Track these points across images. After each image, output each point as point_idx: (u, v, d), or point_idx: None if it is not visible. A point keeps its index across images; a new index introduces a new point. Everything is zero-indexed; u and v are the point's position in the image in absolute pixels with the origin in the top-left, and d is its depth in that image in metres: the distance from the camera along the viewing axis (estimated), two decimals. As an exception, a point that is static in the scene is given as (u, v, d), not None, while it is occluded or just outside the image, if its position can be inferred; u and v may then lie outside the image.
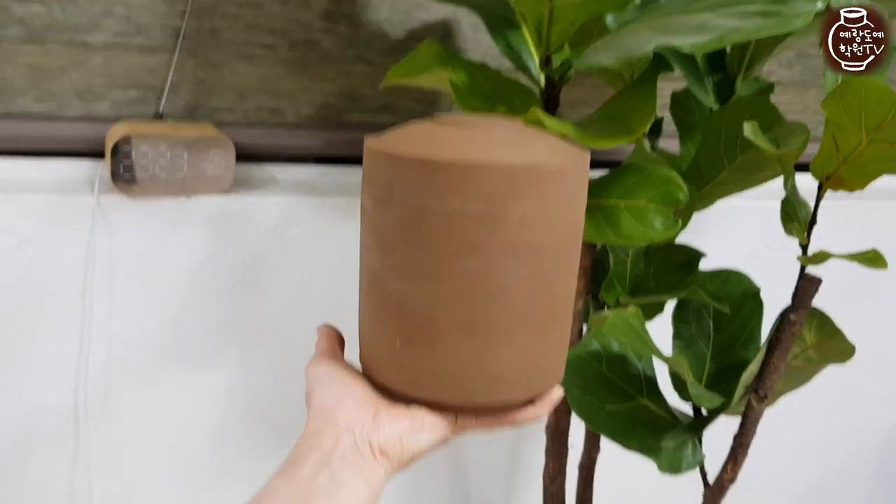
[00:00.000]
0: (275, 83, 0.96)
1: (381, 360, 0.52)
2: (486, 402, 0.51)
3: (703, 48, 0.56)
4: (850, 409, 1.40)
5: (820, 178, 0.70)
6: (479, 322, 0.49)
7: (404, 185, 0.48)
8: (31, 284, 0.90)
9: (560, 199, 0.49)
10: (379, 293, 0.51)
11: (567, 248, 0.52)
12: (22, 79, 0.88)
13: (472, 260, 0.48)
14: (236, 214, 0.95)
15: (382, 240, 0.50)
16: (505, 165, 0.47)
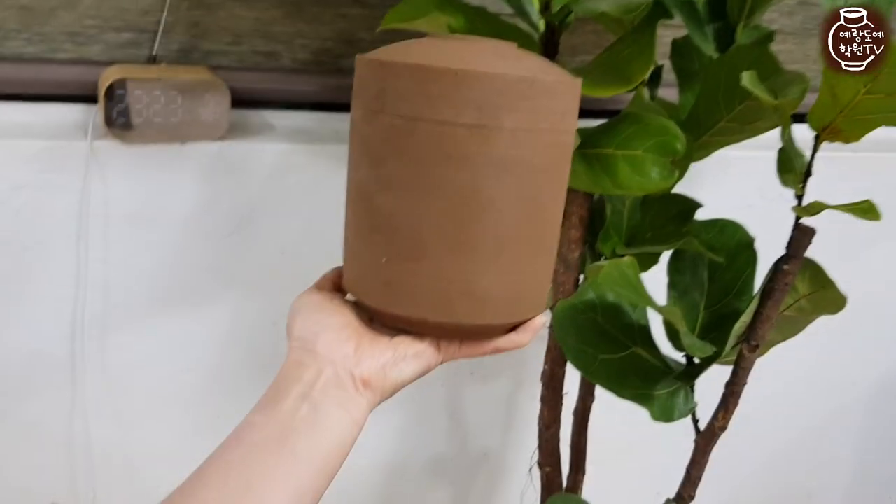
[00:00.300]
0: (270, 26, 0.95)
1: (365, 279, 0.52)
2: (470, 322, 0.51)
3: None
4: (840, 358, 1.42)
5: (817, 129, 0.70)
6: (467, 237, 0.49)
7: (396, 93, 0.48)
8: (23, 230, 0.90)
9: (552, 115, 0.49)
10: (366, 208, 0.51)
11: (556, 169, 0.52)
12: (13, 20, 0.86)
13: (462, 172, 0.48)
14: (232, 161, 0.94)
15: (371, 152, 0.50)
16: (499, 75, 0.47)
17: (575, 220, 0.82)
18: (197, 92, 0.88)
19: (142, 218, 0.93)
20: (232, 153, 0.94)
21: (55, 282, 0.93)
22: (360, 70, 0.51)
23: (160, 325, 0.99)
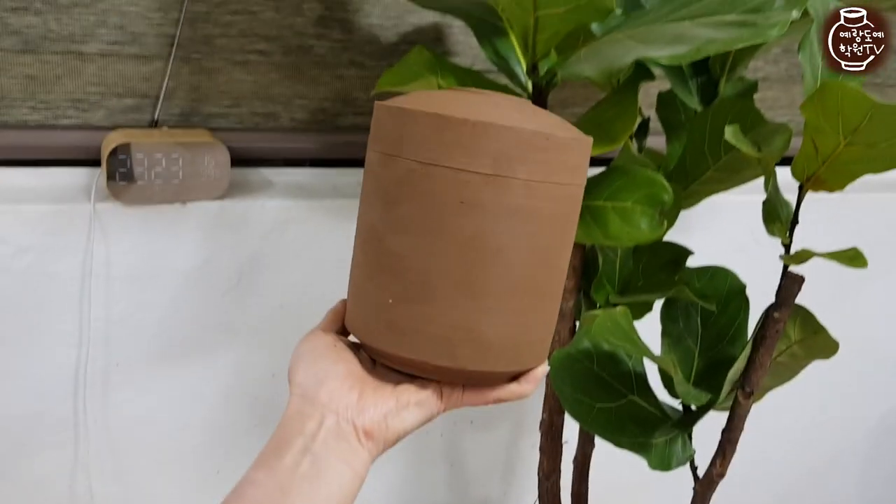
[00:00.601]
0: (269, 88, 0.98)
1: (370, 319, 0.52)
2: (472, 368, 0.51)
3: (681, 59, 0.58)
4: (837, 403, 1.42)
5: (800, 179, 0.72)
6: (474, 283, 0.50)
7: (414, 139, 0.49)
8: (27, 292, 0.91)
9: (564, 169, 0.51)
10: (376, 249, 0.51)
11: (566, 221, 0.53)
12: (18, 89, 0.89)
13: (474, 219, 0.49)
14: (232, 218, 0.96)
15: (386, 194, 0.51)
16: (515, 128, 0.48)
17: (568, 270, 0.84)
18: (197, 153, 0.90)
19: (143, 276, 0.95)
20: (232, 211, 0.96)
21: (58, 341, 0.94)
22: (379, 115, 0.53)
23: (161, 382, 1.00)
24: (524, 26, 0.70)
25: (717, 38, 0.58)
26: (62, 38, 0.88)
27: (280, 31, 0.95)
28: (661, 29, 0.64)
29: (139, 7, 0.89)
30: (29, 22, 0.87)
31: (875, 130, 0.64)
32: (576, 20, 0.66)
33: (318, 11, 0.96)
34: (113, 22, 0.89)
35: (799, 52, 0.69)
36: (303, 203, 0.99)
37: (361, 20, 0.98)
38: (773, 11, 0.61)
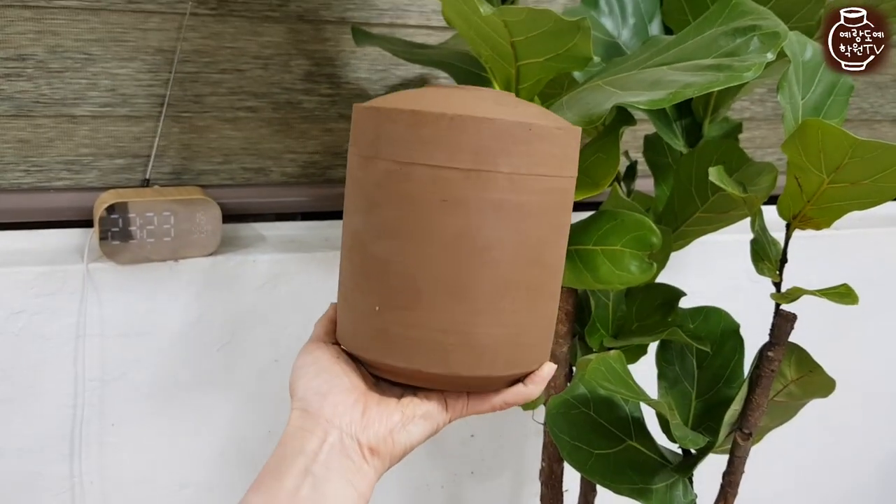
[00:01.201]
0: (259, 144, 0.99)
1: (359, 328, 0.50)
2: (467, 373, 0.49)
3: (659, 104, 0.58)
4: (841, 442, 1.40)
5: (787, 217, 0.72)
6: (462, 284, 0.47)
7: (391, 138, 0.47)
8: (21, 354, 0.91)
9: (550, 160, 0.48)
10: (360, 256, 0.49)
11: (555, 215, 0.50)
12: (11, 153, 0.90)
13: (458, 217, 0.47)
14: (224, 274, 0.97)
15: (367, 198, 0.49)
16: (493, 119, 0.46)
17: (561, 315, 0.84)
18: (189, 211, 0.91)
19: (137, 335, 0.95)
20: (224, 266, 0.96)
21: (53, 403, 0.94)
22: (357, 118, 0.51)
23: (156, 441, 1.00)
24: (506, 76, 0.71)
25: (694, 82, 0.59)
26: (54, 102, 0.90)
27: (269, 87, 0.97)
28: (639, 75, 0.65)
29: (129, 69, 0.91)
30: (21, 87, 0.88)
31: (857, 168, 0.65)
32: (556, 69, 0.67)
33: (305, 67, 0.98)
34: (104, 84, 0.91)
35: (778, 93, 0.70)
36: (295, 256, 0.99)
37: (349, 74, 1.00)
38: (749, 54, 0.62)
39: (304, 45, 0.97)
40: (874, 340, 1.36)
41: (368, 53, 1.00)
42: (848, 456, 1.43)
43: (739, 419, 0.77)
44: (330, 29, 0.97)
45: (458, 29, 0.71)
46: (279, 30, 0.95)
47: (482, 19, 0.63)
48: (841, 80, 0.73)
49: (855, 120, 1.30)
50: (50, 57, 0.88)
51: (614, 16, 0.86)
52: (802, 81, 0.72)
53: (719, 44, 0.64)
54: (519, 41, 0.65)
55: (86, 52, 0.89)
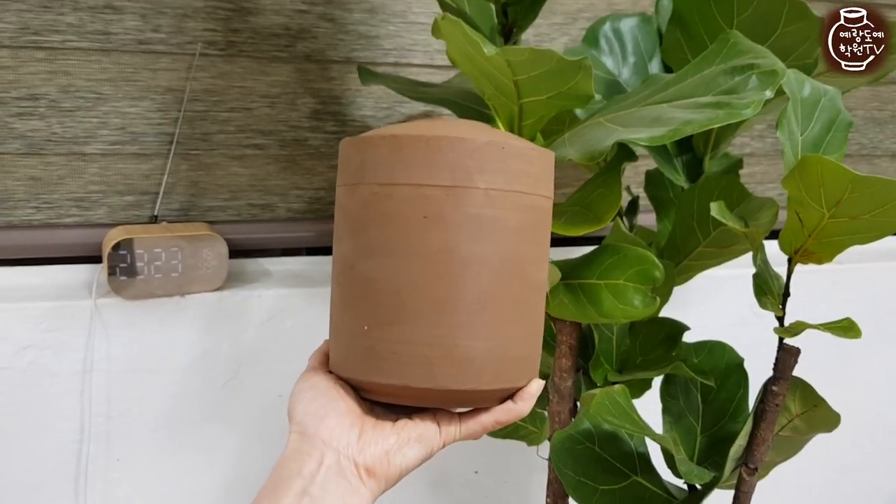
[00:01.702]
0: (266, 180, 1.00)
1: (349, 351, 0.52)
2: (454, 387, 0.50)
3: (659, 141, 0.59)
4: (849, 477, 1.39)
5: (788, 252, 0.73)
6: (445, 297, 0.49)
7: (374, 163, 0.50)
8: (30, 390, 0.92)
9: (524, 178, 0.51)
10: (348, 278, 0.52)
11: (533, 231, 0.53)
12: (22, 190, 0.91)
13: (439, 232, 0.49)
14: (230, 309, 0.97)
15: (353, 222, 0.52)
16: (469, 139, 0.49)
17: (564, 349, 0.84)
18: (196, 247, 0.92)
19: (143, 370, 0.95)
20: (230, 301, 0.97)
21: (60, 438, 0.94)
22: (343, 150, 0.54)
23: (162, 476, 1.00)
24: (509, 113, 0.73)
25: (693, 119, 0.60)
26: (65, 140, 0.91)
27: (276, 125, 0.98)
28: (639, 112, 0.66)
29: (139, 108, 0.93)
30: (34, 126, 0.90)
31: (857, 203, 0.65)
32: (558, 106, 0.69)
33: (311, 105, 0.99)
34: (114, 123, 0.92)
35: (777, 129, 0.71)
36: (300, 291, 1.00)
37: (354, 112, 1.01)
38: (747, 92, 0.63)
39: (311, 84, 0.99)
40: (880, 375, 1.36)
41: (373, 92, 1.01)
42: (854, 492, 1.42)
43: (745, 454, 0.77)
44: (336, 68, 0.99)
45: (463, 68, 0.73)
46: (286, 69, 0.97)
47: (486, 59, 0.64)
48: (840, 116, 0.74)
49: (855, 155, 1.31)
50: (62, 96, 0.90)
51: (615, 55, 0.88)
52: (801, 118, 0.73)
53: (718, 82, 0.65)
54: (522, 80, 0.66)
55: (97, 92, 0.91)
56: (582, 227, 0.68)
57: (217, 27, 0.93)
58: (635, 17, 0.89)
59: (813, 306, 0.90)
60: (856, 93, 1.28)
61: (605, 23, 0.89)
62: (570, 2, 1.08)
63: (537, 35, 1.08)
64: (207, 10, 0.92)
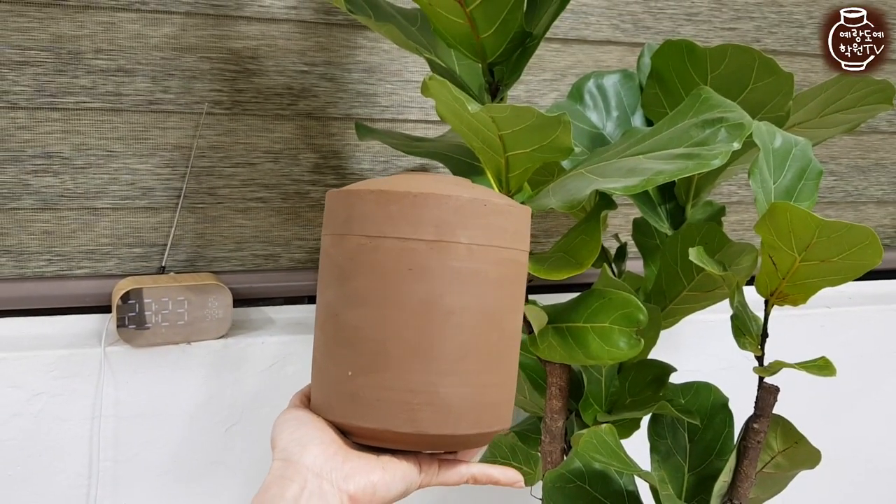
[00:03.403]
0: (269, 232, 1.05)
1: (332, 395, 0.54)
2: (434, 431, 0.53)
3: (633, 190, 0.63)
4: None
5: (765, 294, 0.76)
6: (428, 346, 0.52)
7: (361, 215, 0.53)
8: (39, 435, 0.95)
9: (504, 233, 0.55)
10: (333, 325, 0.54)
11: (511, 283, 0.56)
12: (35, 244, 0.96)
13: (423, 284, 0.52)
14: (234, 356, 1.01)
15: (339, 271, 0.54)
16: (454, 196, 0.53)
17: (555, 391, 0.87)
18: (202, 296, 0.96)
19: (150, 416, 0.98)
20: (235, 348, 1.01)
21: (68, 483, 0.97)
22: (330, 201, 0.57)
23: (168, 521, 1.02)
24: (497, 165, 0.77)
25: (664, 169, 0.64)
26: (77, 196, 0.96)
27: (278, 179, 1.03)
28: (617, 163, 0.70)
29: (149, 164, 0.98)
30: (48, 182, 0.95)
31: (825, 246, 0.69)
32: (541, 159, 0.73)
33: (313, 160, 1.04)
34: (124, 179, 0.97)
35: (749, 178, 0.75)
36: (301, 338, 1.03)
37: (353, 166, 1.06)
38: (717, 144, 0.67)
39: (312, 139, 1.04)
40: (865, 416, 1.38)
41: (372, 146, 1.06)
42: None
43: (729, 490, 0.79)
44: (336, 125, 1.04)
45: (451, 124, 0.77)
46: (289, 126, 1.02)
47: (472, 116, 0.69)
48: (811, 165, 0.78)
49: (841, 202, 1.35)
50: (75, 154, 0.95)
51: (599, 109, 0.93)
52: (774, 167, 0.77)
53: (690, 134, 0.69)
54: (506, 134, 0.71)
55: (108, 150, 0.96)
56: (564, 271, 0.72)
57: (223, 87, 0.99)
58: (618, 74, 0.94)
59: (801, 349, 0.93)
60: (838, 142, 1.32)
61: (590, 79, 0.94)
62: (559, 59, 1.13)
63: (528, 91, 1.13)
64: (214, 73, 0.98)
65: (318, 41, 1.01)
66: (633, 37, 1.15)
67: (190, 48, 0.96)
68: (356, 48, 1.03)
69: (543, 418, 0.88)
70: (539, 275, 0.72)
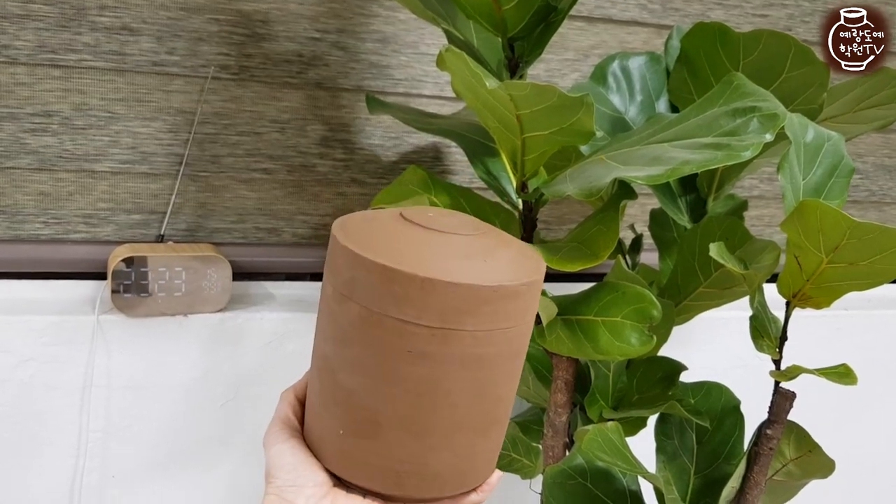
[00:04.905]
0: (272, 205, 1.01)
1: (325, 443, 0.54)
2: (420, 496, 0.53)
3: (657, 180, 0.60)
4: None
5: (787, 296, 0.72)
6: (421, 423, 0.50)
7: (365, 286, 0.49)
8: (29, 401, 0.92)
9: (513, 314, 0.51)
10: (330, 381, 0.52)
11: (513, 359, 0.53)
12: (31, 205, 0.93)
13: (421, 367, 0.49)
14: (232, 330, 0.98)
15: (339, 332, 0.51)
16: (463, 285, 0.48)
17: (560, 385, 0.84)
18: (199, 267, 0.93)
19: (143, 388, 0.96)
20: (233, 322, 0.98)
21: (57, 452, 0.95)
22: (334, 250, 0.52)
23: (157, 494, 0.99)
24: (512, 147, 0.73)
25: (691, 159, 0.61)
26: (76, 158, 0.93)
27: (284, 150, 1.00)
28: (640, 151, 0.66)
29: (151, 128, 0.94)
30: (46, 142, 0.91)
31: (855, 249, 0.65)
32: (560, 142, 0.69)
33: (321, 132, 1.00)
34: (125, 142, 0.94)
35: (779, 173, 0.71)
36: (302, 316, 1.00)
37: (363, 141, 1.02)
38: (748, 134, 0.63)
39: (321, 111, 1.00)
40: (880, 423, 1.34)
41: (383, 121, 1.03)
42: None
43: (737, 497, 0.76)
44: (346, 96, 1.00)
45: (467, 101, 0.74)
46: (297, 96, 0.98)
47: (489, 93, 0.65)
48: (843, 162, 0.74)
49: (864, 202, 1.31)
50: (75, 114, 0.92)
51: (622, 92, 0.88)
52: (804, 162, 0.74)
53: (720, 123, 0.66)
54: (524, 114, 0.67)
55: (110, 111, 0.93)
56: (578, 263, 0.68)
57: (230, 52, 0.95)
58: (644, 56, 0.90)
59: (815, 352, 0.89)
60: (866, 139, 1.28)
61: (614, 60, 0.90)
62: (582, 38, 1.09)
63: (548, 70, 1.09)
64: (222, 35, 0.94)
65: (332, 7, 0.97)
66: (660, 18, 1.11)
67: (198, 8, 0.93)
68: (371, 16, 0.99)
69: (547, 411, 0.85)
70: (551, 265, 0.69)
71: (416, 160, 1.05)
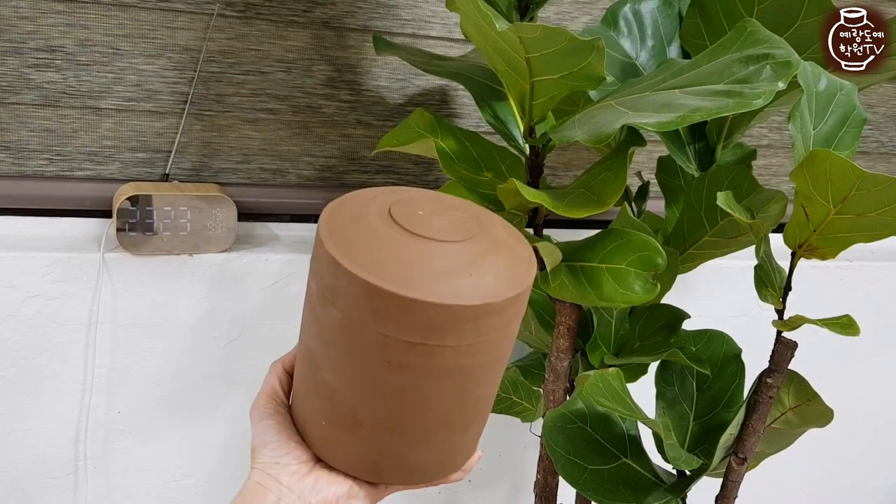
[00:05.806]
0: (277, 145, 1.01)
1: (308, 426, 0.55)
2: (399, 483, 0.55)
3: (667, 126, 0.59)
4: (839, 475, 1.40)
5: (792, 246, 0.72)
6: (401, 424, 0.51)
7: (347, 297, 0.48)
8: (34, 337, 0.93)
9: (496, 327, 0.50)
10: (314, 374, 0.53)
11: (496, 362, 0.53)
12: (36, 141, 0.92)
13: (402, 376, 0.49)
14: (237, 271, 0.98)
15: (323, 333, 0.51)
16: (444, 306, 0.46)
17: (563, 330, 0.84)
18: (204, 207, 0.93)
19: (148, 326, 0.97)
20: (237, 263, 0.98)
21: (62, 387, 0.96)
22: (318, 251, 0.50)
23: (161, 430, 1.01)
24: (521, 91, 0.72)
25: (702, 106, 0.60)
26: (80, 94, 0.92)
27: (290, 90, 0.98)
28: (651, 97, 0.65)
29: (155, 66, 0.93)
30: (50, 78, 0.90)
31: (864, 200, 0.65)
32: (569, 87, 0.68)
33: (327, 73, 0.99)
34: (130, 79, 0.93)
35: (789, 121, 0.70)
36: (306, 257, 1.00)
37: (369, 82, 1.01)
38: (760, 82, 0.62)
39: (327, 51, 0.98)
40: (880, 374, 1.35)
41: (390, 62, 1.01)
42: (845, 489, 1.42)
43: (735, 443, 0.77)
44: (353, 36, 0.99)
45: (476, 42, 0.72)
46: (303, 35, 0.97)
47: (498, 34, 0.64)
48: (855, 112, 0.73)
49: (874, 153, 1.30)
50: (79, 50, 0.90)
51: (633, 37, 0.87)
52: (815, 111, 0.73)
53: (732, 70, 0.65)
54: (534, 57, 0.66)
55: (114, 47, 0.91)
56: (584, 209, 0.68)
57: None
58: (656, 0, 0.88)
59: (818, 301, 0.90)
60: (877, 89, 1.26)
61: (626, 4, 0.88)
62: (594, -19, 1.07)
63: (558, 13, 1.07)
64: (228, -29, 0.92)
65: (340, -55, 0.95)
66: (674, -38, 1.08)
67: (203, -57, 0.91)
68: (379, -46, 0.97)
69: (549, 356, 0.86)
70: (557, 211, 0.68)
71: (423, 103, 1.04)
